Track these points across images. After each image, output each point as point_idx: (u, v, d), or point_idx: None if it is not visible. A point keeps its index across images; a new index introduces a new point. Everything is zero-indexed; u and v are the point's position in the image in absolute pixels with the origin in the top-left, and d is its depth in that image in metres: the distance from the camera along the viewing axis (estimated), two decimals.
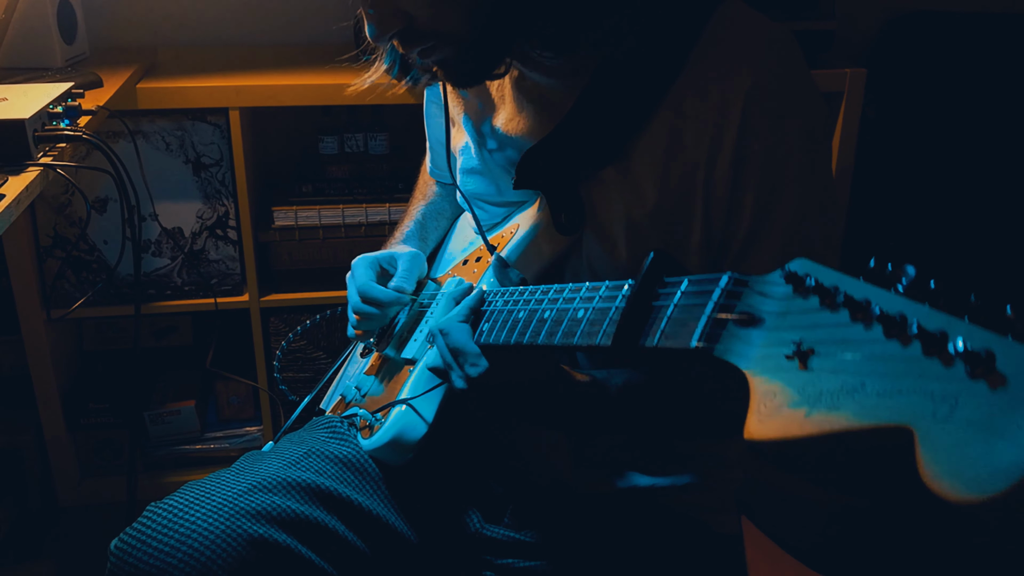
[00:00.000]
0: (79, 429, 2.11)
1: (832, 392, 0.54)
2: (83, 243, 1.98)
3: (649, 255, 0.78)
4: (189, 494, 1.05)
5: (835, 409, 0.53)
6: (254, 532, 1.00)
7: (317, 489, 1.07)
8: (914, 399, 0.50)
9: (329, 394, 1.44)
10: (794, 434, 0.55)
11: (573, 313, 0.87)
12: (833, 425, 0.53)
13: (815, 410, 0.54)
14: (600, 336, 0.82)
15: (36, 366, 1.98)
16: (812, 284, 0.61)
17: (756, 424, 0.58)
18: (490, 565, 1.15)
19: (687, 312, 0.72)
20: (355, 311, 1.23)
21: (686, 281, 0.74)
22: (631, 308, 0.77)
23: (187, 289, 2.06)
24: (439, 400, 1.12)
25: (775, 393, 0.58)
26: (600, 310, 0.84)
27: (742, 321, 0.65)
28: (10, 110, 1.31)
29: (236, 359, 2.19)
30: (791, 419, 0.55)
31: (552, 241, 1.13)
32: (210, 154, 1.97)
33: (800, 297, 0.62)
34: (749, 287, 0.67)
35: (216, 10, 2.25)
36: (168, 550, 0.98)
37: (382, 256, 1.28)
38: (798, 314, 0.61)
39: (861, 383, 0.53)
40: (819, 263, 1.04)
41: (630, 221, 1.05)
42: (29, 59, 1.79)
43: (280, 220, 2.05)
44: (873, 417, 0.51)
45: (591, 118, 1.04)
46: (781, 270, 0.64)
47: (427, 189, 1.46)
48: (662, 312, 0.75)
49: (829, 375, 0.55)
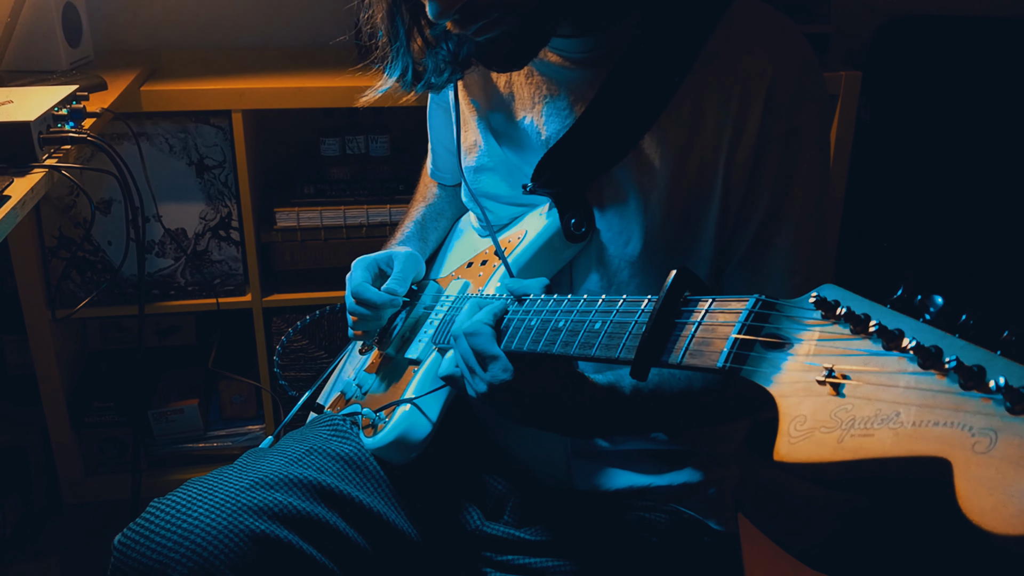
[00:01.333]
0: (84, 428, 2.12)
1: (866, 419, 0.55)
2: (87, 244, 1.98)
3: (672, 272, 0.79)
4: (192, 490, 1.05)
5: (869, 436, 0.54)
6: (256, 528, 1.00)
7: (319, 486, 1.07)
8: (952, 432, 0.50)
9: (327, 390, 1.44)
10: (826, 459, 0.55)
11: (590, 325, 0.87)
12: (868, 452, 0.53)
13: (848, 436, 0.55)
14: (620, 350, 0.82)
15: (41, 365, 1.99)
16: (844, 311, 0.61)
17: (787, 447, 0.58)
18: (490, 562, 1.15)
19: (713, 331, 0.72)
20: (350, 312, 1.24)
21: (711, 300, 0.75)
22: (656, 324, 0.77)
23: (190, 289, 2.06)
24: (443, 400, 1.12)
25: (805, 418, 0.58)
26: (619, 323, 0.84)
27: (770, 344, 0.66)
28: (15, 112, 1.32)
29: (239, 358, 2.20)
30: (823, 444, 0.56)
31: (561, 249, 1.14)
32: (213, 156, 1.98)
33: (830, 323, 0.62)
34: (777, 310, 0.68)
35: (219, 13, 2.25)
36: (171, 545, 0.98)
37: (380, 257, 1.29)
38: (829, 340, 0.62)
39: (896, 412, 0.54)
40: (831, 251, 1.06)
41: (645, 210, 1.06)
42: (34, 62, 1.80)
43: (282, 221, 2.06)
44: (910, 447, 0.52)
45: (614, 107, 1.06)
46: (810, 295, 0.65)
47: (427, 191, 1.46)
48: (686, 330, 0.75)
49: (862, 402, 0.56)
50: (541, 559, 1.13)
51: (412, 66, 1.13)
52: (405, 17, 1.10)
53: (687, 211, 1.06)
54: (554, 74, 1.11)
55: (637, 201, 1.07)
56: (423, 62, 1.13)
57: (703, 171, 1.04)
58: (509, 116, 1.17)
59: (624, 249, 1.09)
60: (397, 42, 1.12)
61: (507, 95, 1.17)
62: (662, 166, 1.04)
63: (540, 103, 1.13)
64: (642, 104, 1.04)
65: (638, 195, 1.06)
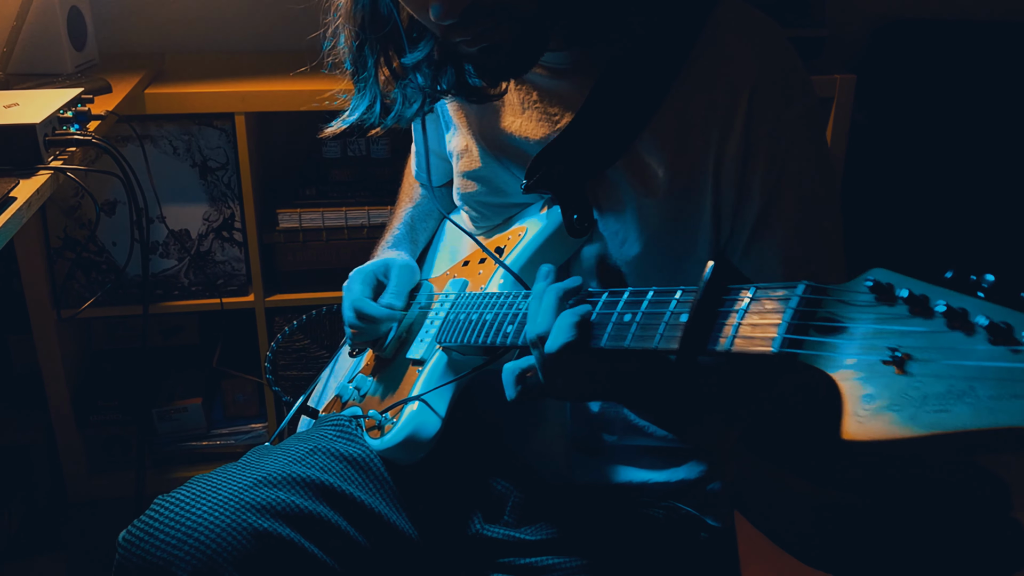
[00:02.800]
0: (88, 426, 2.13)
1: (939, 396, 0.55)
2: (92, 245, 1.99)
3: (710, 263, 0.77)
4: (196, 487, 1.05)
5: (945, 411, 0.54)
6: (259, 525, 1.00)
7: (321, 486, 1.07)
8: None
9: (319, 394, 1.43)
10: (901, 435, 0.55)
11: (619, 318, 0.86)
12: (946, 427, 0.54)
13: (923, 412, 0.55)
14: (658, 339, 0.80)
15: (47, 365, 1.99)
16: (903, 293, 0.61)
17: (856, 425, 0.58)
18: (491, 564, 1.15)
19: (762, 317, 0.71)
20: (350, 326, 1.24)
21: (754, 288, 0.74)
22: (699, 311, 0.76)
23: (194, 289, 2.07)
24: (450, 398, 1.12)
25: (872, 397, 0.58)
26: (651, 314, 0.83)
27: (825, 328, 0.65)
28: (21, 115, 1.32)
29: (242, 358, 2.20)
30: (896, 421, 0.56)
31: (563, 245, 1.14)
32: (216, 158, 1.99)
33: (886, 304, 0.62)
34: (829, 295, 0.67)
35: (222, 18, 2.26)
36: (175, 542, 0.98)
37: (377, 267, 1.28)
38: (888, 321, 0.61)
39: (970, 387, 0.54)
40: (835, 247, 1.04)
41: (640, 212, 1.07)
42: (40, 65, 1.80)
43: (284, 222, 2.07)
44: (991, 420, 0.52)
45: (602, 114, 1.06)
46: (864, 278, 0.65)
47: (413, 191, 1.45)
48: (731, 317, 0.74)
49: (932, 380, 0.56)
50: (541, 557, 1.13)
51: (380, 98, 1.13)
52: (374, 47, 1.10)
53: (681, 213, 1.06)
54: (542, 83, 1.12)
55: (632, 203, 1.07)
56: (391, 95, 1.13)
57: (693, 173, 1.04)
58: (499, 123, 1.17)
59: (621, 249, 1.10)
60: (364, 72, 1.12)
61: (497, 102, 1.17)
62: (654, 170, 1.05)
63: (529, 109, 1.13)
64: (630, 111, 1.05)
65: (633, 197, 1.07)
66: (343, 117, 1.20)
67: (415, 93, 1.13)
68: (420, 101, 1.14)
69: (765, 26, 1.05)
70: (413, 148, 1.47)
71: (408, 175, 1.50)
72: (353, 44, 1.11)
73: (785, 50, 1.05)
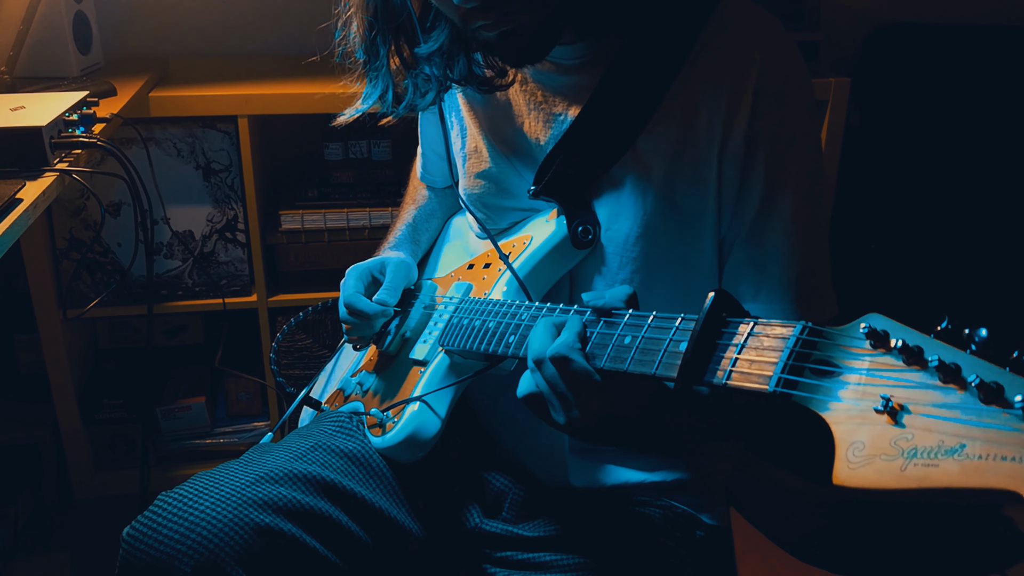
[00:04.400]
0: (94, 424, 2.13)
1: (929, 450, 0.56)
2: (98, 245, 2.00)
3: (711, 294, 0.78)
4: (198, 484, 1.05)
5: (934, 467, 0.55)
6: (261, 521, 1.00)
7: (322, 481, 1.07)
8: (1022, 467, 0.52)
9: (323, 385, 1.44)
10: (889, 485, 0.56)
11: (619, 339, 0.86)
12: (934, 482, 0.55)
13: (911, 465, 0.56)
14: (657, 366, 0.81)
15: (53, 363, 1.99)
16: (898, 343, 0.62)
17: (846, 472, 0.59)
18: (489, 558, 1.15)
19: (759, 354, 0.72)
20: (343, 321, 1.25)
21: (753, 323, 0.75)
22: (699, 342, 0.77)
23: (197, 290, 2.08)
24: (451, 399, 1.12)
25: (864, 444, 0.59)
26: (651, 339, 0.83)
27: (821, 372, 0.66)
28: (28, 118, 1.33)
29: (244, 357, 2.20)
30: (885, 471, 0.57)
31: (567, 254, 1.14)
32: (219, 160, 2.00)
33: (881, 353, 0.63)
34: (826, 338, 0.68)
35: (225, 22, 2.27)
36: (178, 537, 0.98)
37: (373, 265, 1.28)
38: (883, 370, 0.62)
39: (961, 444, 0.55)
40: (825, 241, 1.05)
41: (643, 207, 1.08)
42: (46, 69, 1.81)
43: (287, 223, 2.08)
44: (980, 480, 0.53)
45: (609, 107, 1.07)
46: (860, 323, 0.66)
47: (417, 193, 1.46)
48: (729, 351, 0.75)
49: (923, 432, 0.57)
50: (539, 554, 1.14)
51: (392, 88, 1.14)
52: (386, 37, 1.11)
53: (685, 206, 1.07)
54: (548, 81, 1.13)
55: (636, 198, 1.08)
56: (403, 84, 1.13)
57: (697, 165, 1.06)
58: (507, 124, 1.18)
59: (623, 247, 1.10)
60: (377, 61, 1.13)
61: (504, 103, 1.18)
62: (658, 163, 1.06)
63: (535, 110, 1.14)
64: (635, 105, 1.06)
65: (636, 192, 1.08)
66: (355, 106, 1.20)
67: (426, 83, 1.14)
68: (433, 91, 1.14)
69: (768, 22, 1.07)
70: (419, 150, 1.47)
71: (413, 177, 1.51)
72: (366, 33, 1.12)
73: (788, 46, 1.07)
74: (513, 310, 1.06)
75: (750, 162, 1.05)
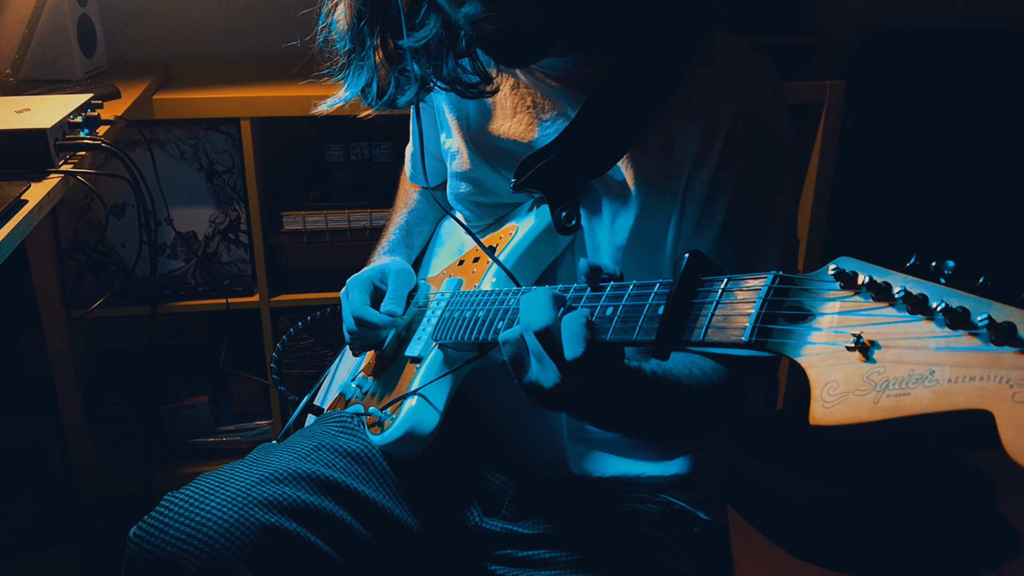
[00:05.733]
0: (98, 423, 2.14)
1: (900, 380, 0.56)
2: (102, 246, 2.01)
3: (686, 255, 0.79)
4: (204, 484, 1.05)
5: (906, 395, 0.55)
6: (266, 521, 1.00)
7: (326, 481, 1.08)
8: (990, 385, 0.52)
9: (325, 392, 1.44)
10: (864, 419, 0.57)
11: (601, 311, 0.87)
12: (906, 410, 0.55)
13: (884, 397, 0.56)
14: (637, 332, 0.81)
15: (57, 363, 2.00)
16: (865, 280, 0.62)
17: (822, 411, 0.60)
18: (489, 556, 1.16)
19: (733, 308, 0.73)
20: (350, 333, 1.24)
21: (726, 279, 0.76)
22: (674, 303, 0.77)
23: (200, 290, 2.09)
24: (448, 393, 1.13)
25: (837, 383, 0.60)
26: (631, 307, 0.84)
27: (793, 317, 0.67)
28: (33, 120, 1.33)
29: (247, 356, 2.21)
30: (859, 406, 0.57)
31: (552, 242, 1.16)
32: (222, 162, 2.01)
33: (851, 293, 0.64)
34: (796, 284, 0.69)
35: (228, 25, 2.28)
36: (184, 537, 0.99)
37: (373, 273, 1.28)
38: (852, 309, 0.63)
39: (930, 371, 0.55)
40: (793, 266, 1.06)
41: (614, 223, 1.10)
42: (50, 71, 1.82)
43: (289, 224, 2.08)
44: (950, 402, 0.53)
45: (594, 127, 1.08)
46: (829, 267, 0.66)
47: (408, 196, 1.47)
48: (705, 308, 0.75)
49: (893, 365, 0.57)
50: (538, 551, 1.15)
51: (376, 80, 1.14)
52: (374, 27, 1.11)
53: (651, 228, 1.09)
54: (539, 87, 1.14)
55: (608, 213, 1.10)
56: (385, 77, 1.14)
57: (664, 196, 1.07)
58: (489, 126, 1.19)
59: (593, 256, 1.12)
60: (362, 51, 1.13)
61: (489, 103, 1.19)
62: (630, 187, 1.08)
63: (522, 113, 1.16)
64: (619, 128, 1.07)
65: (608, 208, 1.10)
66: (338, 94, 1.20)
67: (407, 80, 1.14)
68: (413, 90, 1.14)
69: (756, 67, 1.07)
70: (408, 151, 1.48)
71: (404, 180, 1.52)
72: (354, 22, 1.12)
73: (770, 96, 1.07)
74: (501, 297, 1.07)
75: (711, 207, 1.06)
